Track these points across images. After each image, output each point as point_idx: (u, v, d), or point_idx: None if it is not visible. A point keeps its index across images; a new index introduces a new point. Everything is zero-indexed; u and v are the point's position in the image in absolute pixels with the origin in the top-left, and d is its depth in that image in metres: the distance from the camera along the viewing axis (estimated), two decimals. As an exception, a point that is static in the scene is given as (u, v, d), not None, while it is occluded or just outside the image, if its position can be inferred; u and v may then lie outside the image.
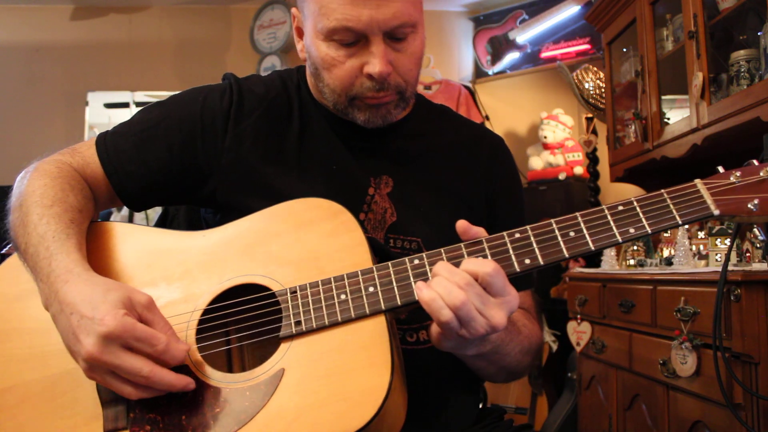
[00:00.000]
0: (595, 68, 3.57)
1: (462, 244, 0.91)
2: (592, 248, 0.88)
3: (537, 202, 3.72)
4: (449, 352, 0.93)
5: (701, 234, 2.09)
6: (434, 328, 0.88)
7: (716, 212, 0.87)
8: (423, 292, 0.84)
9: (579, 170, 3.77)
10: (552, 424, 3.01)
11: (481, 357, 0.97)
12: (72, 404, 0.88)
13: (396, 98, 1.06)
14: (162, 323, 0.85)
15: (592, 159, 3.59)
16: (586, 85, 3.54)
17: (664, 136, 2.46)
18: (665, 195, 0.89)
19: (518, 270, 0.88)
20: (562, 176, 3.76)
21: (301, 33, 1.12)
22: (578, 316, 2.56)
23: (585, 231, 0.88)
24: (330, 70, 1.04)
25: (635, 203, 0.89)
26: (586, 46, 3.98)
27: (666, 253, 2.28)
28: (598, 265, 2.75)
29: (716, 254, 1.85)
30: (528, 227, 0.90)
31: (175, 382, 0.83)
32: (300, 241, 0.95)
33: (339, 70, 1.03)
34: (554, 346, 3.38)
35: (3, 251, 1.28)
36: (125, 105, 4.36)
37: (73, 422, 0.87)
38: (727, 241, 1.81)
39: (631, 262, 2.43)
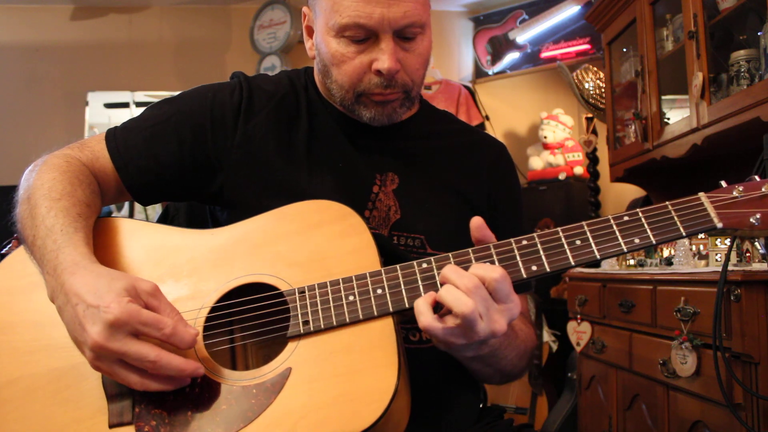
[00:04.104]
0: (595, 68, 3.57)
1: (470, 249, 0.92)
2: (598, 257, 0.90)
3: (537, 202, 3.72)
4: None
5: (701, 234, 2.09)
6: None
7: (719, 225, 0.89)
8: (421, 317, 0.86)
9: (579, 170, 3.77)
10: (552, 424, 3.01)
11: (478, 359, 0.98)
12: (77, 398, 0.89)
13: (402, 97, 1.08)
14: (168, 309, 0.85)
15: (592, 159, 3.60)
16: (586, 85, 3.54)
17: (664, 136, 2.47)
18: (670, 207, 0.91)
19: (525, 276, 0.89)
20: (562, 176, 3.76)
21: (310, 31, 1.14)
22: (578, 316, 2.57)
23: (591, 240, 0.90)
24: (339, 66, 1.06)
25: (640, 214, 0.90)
26: (586, 46, 3.99)
27: (666, 253, 2.29)
28: (598, 265, 2.75)
29: (716, 254, 1.85)
30: (535, 234, 0.92)
31: (183, 366, 0.83)
32: (308, 242, 0.95)
33: (348, 66, 1.05)
34: (554, 346, 3.38)
35: (3, 251, 1.28)
36: (125, 105, 4.37)
37: (77, 415, 0.88)
38: (727, 241, 1.81)
39: (631, 262, 2.44)
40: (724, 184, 0.92)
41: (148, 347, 0.81)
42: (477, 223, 0.92)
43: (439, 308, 0.88)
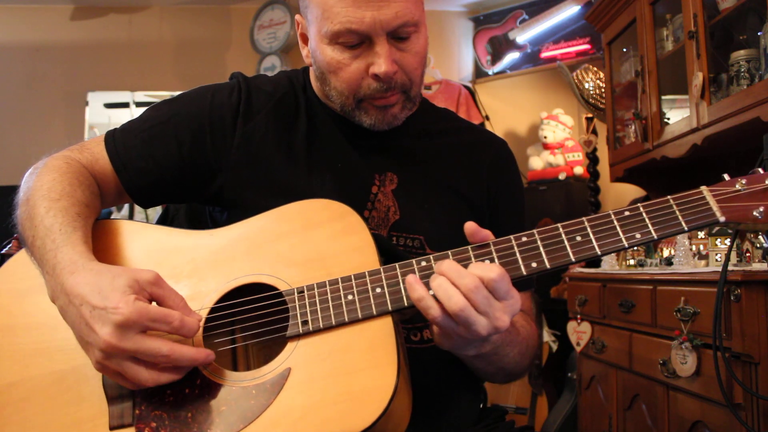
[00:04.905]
0: (595, 68, 3.57)
1: (469, 247, 0.91)
2: (599, 253, 0.89)
3: (537, 202, 3.72)
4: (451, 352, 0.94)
5: (701, 234, 2.09)
6: (435, 327, 0.89)
7: (722, 219, 0.88)
8: (415, 291, 0.85)
9: (579, 170, 3.77)
10: (552, 424, 3.01)
11: (480, 357, 0.97)
12: (78, 400, 0.89)
13: (402, 98, 1.07)
14: (173, 296, 0.86)
15: (592, 159, 3.60)
16: (586, 85, 3.54)
17: (664, 136, 2.47)
18: (671, 201, 0.90)
19: (525, 273, 0.89)
20: (562, 176, 3.76)
21: (305, 39, 1.13)
22: (578, 316, 2.57)
23: (591, 236, 0.89)
24: (336, 73, 1.05)
25: (641, 209, 0.89)
26: (586, 46, 3.99)
27: (666, 253, 2.29)
28: (598, 265, 2.75)
29: (716, 254, 1.85)
30: (535, 231, 0.91)
31: (196, 356, 0.84)
32: (307, 241, 0.95)
33: (345, 73, 1.04)
34: (554, 346, 3.38)
35: (3, 251, 1.28)
36: (125, 105, 4.37)
37: (78, 417, 0.88)
38: (727, 241, 1.81)
39: (631, 262, 2.44)
40: (726, 177, 0.91)
41: (160, 342, 0.82)
42: (470, 229, 0.91)
43: None
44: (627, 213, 0.90)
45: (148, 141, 1.09)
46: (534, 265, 0.89)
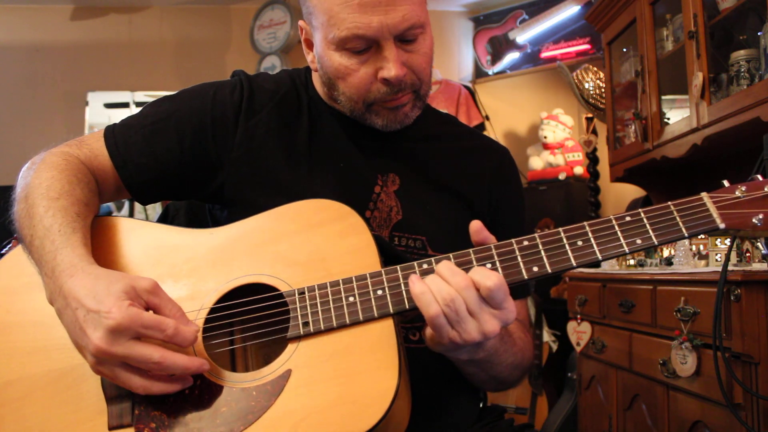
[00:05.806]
0: (595, 68, 3.57)
1: (471, 250, 0.91)
2: (600, 257, 0.89)
3: (537, 202, 3.72)
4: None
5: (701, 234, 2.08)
6: (428, 330, 0.89)
7: (722, 226, 0.88)
8: (415, 285, 0.86)
9: (579, 170, 3.77)
10: (552, 424, 3.01)
11: (473, 363, 0.97)
12: (76, 399, 0.88)
13: (413, 97, 1.08)
14: (170, 305, 0.85)
15: (592, 159, 3.60)
16: (586, 85, 3.54)
17: (664, 136, 2.47)
18: (672, 207, 0.90)
19: (526, 277, 0.89)
20: (562, 176, 3.76)
21: (310, 45, 1.12)
22: (578, 316, 2.57)
23: (593, 240, 0.89)
24: (345, 79, 1.05)
25: (642, 215, 0.90)
26: (586, 46, 3.99)
27: (666, 253, 2.28)
28: (598, 265, 2.75)
29: (716, 254, 1.85)
30: (536, 235, 0.91)
31: (188, 364, 0.83)
32: (308, 242, 0.95)
33: (354, 78, 1.04)
34: (554, 346, 3.38)
35: (3, 251, 1.28)
36: (125, 105, 4.37)
37: (77, 417, 0.87)
38: (727, 241, 1.81)
39: (631, 262, 2.43)
40: (726, 183, 0.92)
41: (152, 348, 0.81)
42: (476, 227, 0.92)
43: None
44: (628, 218, 0.90)
45: (149, 137, 1.09)
46: (535, 269, 0.89)
